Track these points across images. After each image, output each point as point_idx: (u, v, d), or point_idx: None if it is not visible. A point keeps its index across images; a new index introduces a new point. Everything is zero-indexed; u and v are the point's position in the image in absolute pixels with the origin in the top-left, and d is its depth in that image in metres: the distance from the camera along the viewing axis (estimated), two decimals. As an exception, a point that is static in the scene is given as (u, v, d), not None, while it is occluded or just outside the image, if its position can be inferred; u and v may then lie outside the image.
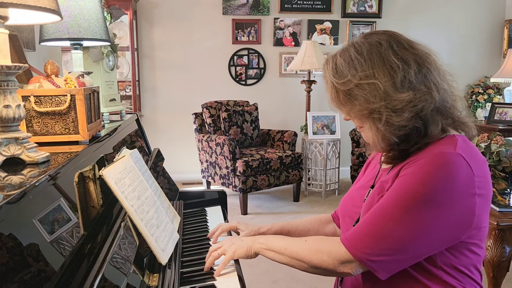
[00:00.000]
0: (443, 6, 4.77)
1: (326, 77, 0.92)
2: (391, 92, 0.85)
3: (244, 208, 3.69)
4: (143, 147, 1.75)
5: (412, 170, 0.84)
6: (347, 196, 1.13)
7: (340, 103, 0.92)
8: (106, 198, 0.98)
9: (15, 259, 0.61)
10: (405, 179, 0.85)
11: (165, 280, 0.97)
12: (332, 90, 0.92)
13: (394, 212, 0.84)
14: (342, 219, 1.12)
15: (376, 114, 0.87)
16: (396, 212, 0.83)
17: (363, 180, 1.10)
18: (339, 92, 0.90)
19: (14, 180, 0.77)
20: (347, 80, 0.88)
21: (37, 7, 0.88)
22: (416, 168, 0.84)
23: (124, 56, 4.39)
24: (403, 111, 0.85)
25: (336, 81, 0.90)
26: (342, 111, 0.94)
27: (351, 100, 0.89)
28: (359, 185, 1.10)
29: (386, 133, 0.87)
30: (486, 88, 4.85)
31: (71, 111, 1.14)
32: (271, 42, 4.67)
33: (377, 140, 0.90)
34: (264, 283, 2.45)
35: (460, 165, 0.82)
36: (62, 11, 1.08)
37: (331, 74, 0.91)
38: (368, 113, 0.88)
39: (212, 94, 4.55)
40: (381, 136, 0.89)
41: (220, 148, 3.73)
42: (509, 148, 2.17)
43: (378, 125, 0.87)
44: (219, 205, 1.76)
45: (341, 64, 0.90)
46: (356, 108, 0.89)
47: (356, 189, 1.10)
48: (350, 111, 0.92)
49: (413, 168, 0.84)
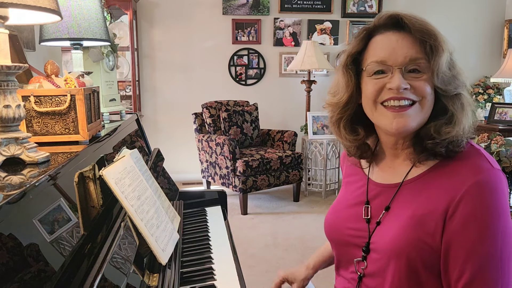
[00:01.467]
0: (443, 6, 4.77)
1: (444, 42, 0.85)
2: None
3: (244, 208, 3.69)
4: (143, 147, 1.75)
5: (474, 205, 0.77)
6: (335, 218, 1.00)
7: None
8: (106, 198, 0.98)
9: (15, 259, 0.61)
10: (476, 218, 0.77)
11: (165, 280, 0.97)
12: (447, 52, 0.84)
13: (495, 255, 0.77)
14: (338, 247, 0.99)
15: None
16: (496, 255, 0.77)
17: (349, 196, 1.00)
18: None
19: (14, 180, 0.77)
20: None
21: (37, 7, 0.88)
22: (477, 199, 0.78)
23: (124, 56, 4.39)
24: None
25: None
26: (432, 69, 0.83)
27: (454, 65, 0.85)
28: (346, 203, 1.00)
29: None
30: (486, 88, 4.85)
31: (71, 111, 1.14)
32: (271, 42, 4.67)
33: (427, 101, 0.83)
34: (264, 283, 2.45)
35: (505, 182, 0.81)
36: (62, 11, 1.08)
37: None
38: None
39: (212, 94, 4.55)
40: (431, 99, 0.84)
41: (220, 148, 3.73)
42: (509, 148, 2.17)
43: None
44: (219, 205, 1.77)
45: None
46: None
47: (345, 208, 0.99)
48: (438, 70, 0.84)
49: (474, 200, 0.78)
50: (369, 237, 0.90)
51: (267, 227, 3.36)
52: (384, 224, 0.88)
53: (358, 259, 0.92)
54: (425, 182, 0.85)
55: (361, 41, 0.90)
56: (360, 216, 0.93)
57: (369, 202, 0.94)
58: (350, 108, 0.93)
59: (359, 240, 0.92)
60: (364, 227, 0.92)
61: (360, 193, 0.97)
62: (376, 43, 0.87)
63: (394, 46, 0.84)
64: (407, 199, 0.87)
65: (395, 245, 0.82)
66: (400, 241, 0.82)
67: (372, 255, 0.89)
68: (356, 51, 0.90)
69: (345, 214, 0.97)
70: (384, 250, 0.85)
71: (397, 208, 0.88)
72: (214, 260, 1.26)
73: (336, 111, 0.94)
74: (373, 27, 0.89)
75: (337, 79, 0.94)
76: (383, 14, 0.87)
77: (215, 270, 1.18)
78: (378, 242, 0.87)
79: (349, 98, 0.91)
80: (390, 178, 0.92)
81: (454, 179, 0.81)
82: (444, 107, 0.85)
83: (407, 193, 0.87)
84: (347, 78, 0.91)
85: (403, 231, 0.82)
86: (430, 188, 0.84)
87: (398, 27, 0.85)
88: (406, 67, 0.82)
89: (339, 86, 0.93)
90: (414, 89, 0.82)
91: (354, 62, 0.91)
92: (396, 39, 0.84)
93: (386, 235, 0.86)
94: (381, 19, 0.87)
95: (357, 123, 0.94)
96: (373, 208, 0.92)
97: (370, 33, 0.89)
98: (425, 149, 0.85)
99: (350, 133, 0.95)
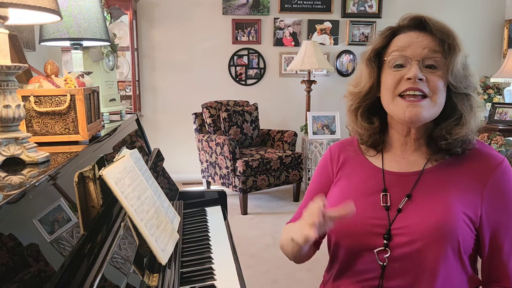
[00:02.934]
0: (443, 6, 4.77)
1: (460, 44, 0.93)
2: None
3: (244, 208, 3.69)
4: (143, 147, 1.75)
5: (508, 181, 0.91)
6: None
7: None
8: (106, 198, 0.98)
9: (15, 259, 0.61)
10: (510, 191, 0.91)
11: (165, 280, 0.97)
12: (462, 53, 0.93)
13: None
14: (353, 239, 0.96)
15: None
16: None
17: (361, 186, 1.00)
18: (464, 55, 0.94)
19: (14, 180, 0.77)
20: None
21: (37, 7, 0.88)
22: (507, 177, 0.91)
23: (124, 56, 4.39)
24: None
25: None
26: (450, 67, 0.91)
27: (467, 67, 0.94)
28: (359, 193, 0.98)
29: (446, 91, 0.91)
30: (486, 88, 4.85)
31: (71, 111, 1.14)
32: (271, 42, 4.67)
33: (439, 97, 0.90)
34: (264, 284, 2.45)
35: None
36: (62, 11, 1.08)
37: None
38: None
39: (212, 94, 4.55)
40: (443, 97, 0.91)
41: (220, 148, 3.73)
42: (509, 148, 2.17)
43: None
44: (219, 205, 1.77)
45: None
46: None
47: (360, 197, 0.97)
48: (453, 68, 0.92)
49: (505, 178, 0.91)
50: (390, 224, 0.92)
51: (267, 227, 3.36)
52: (410, 210, 0.91)
53: (380, 248, 0.92)
54: (448, 170, 0.93)
55: (385, 38, 0.98)
56: (378, 204, 0.95)
57: (386, 190, 0.96)
58: (369, 98, 1.00)
59: (379, 229, 0.93)
60: (383, 214, 0.94)
61: (374, 182, 0.99)
62: (398, 39, 0.95)
63: (414, 41, 0.91)
64: (431, 186, 0.92)
65: (439, 225, 0.86)
66: (445, 220, 0.87)
67: (397, 240, 0.90)
68: (380, 46, 0.97)
69: (363, 202, 0.96)
70: (420, 232, 0.88)
71: (422, 195, 0.92)
72: (214, 260, 1.26)
73: (356, 100, 1.01)
74: (397, 27, 0.97)
75: (360, 71, 1.02)
76: (407, 15, 0.96)
77: (215, 270, 1.18)
78: (406, 227, 0.90)
79: (370, 88, 0.98)
80: (406, 167, 0.97)
81: (480, 164, 0.92)
82: (454, 106, 0.92)
83: (429, 180, 0.93)
84: (370, 70, 0.98)
85: (445, 211, 0.87)
86: (456, 174, 0.92)
87: (420, 28, 0.93)
88: (423, 60, 0.89)
89: (361, 77, 1.00)
90: (428, 82, 0.89)
91: (377, 57, 0.98)
92: (417, 36, 0.92)
93: (417, 219, 0.89)
94: (405, 20, 0.96)
95: (373, 114, 1.01)
96: (392, 196, 0.95)
97: (394, 32, 0.97)
98: (441, 149, 0.93)
99: (365, 121, 1.01)
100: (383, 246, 0.91)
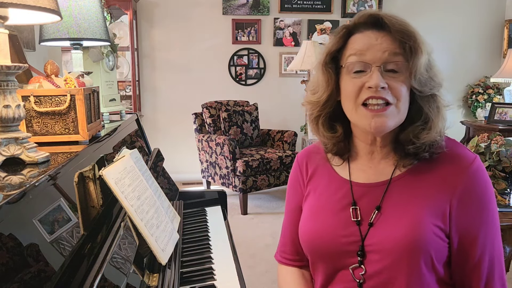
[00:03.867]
0: (443, 6, 4.76)
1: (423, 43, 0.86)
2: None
3: (244, 208, 3.69)
4: (143, 147, 1.75)
5: (478, 183, 0.85)
6: (320, 227, 0.92)
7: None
8: (106, 198, 0.98)
9: (15, 259, 0.61)
10: (483, 194, 0.86)
11: (165, 280, 0.97)
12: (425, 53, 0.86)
13: (496, 232, 0.87)
14: (327, 259, 0.92)
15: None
16: (497, 238, 0.87)
17: (328, 201, 0.94)
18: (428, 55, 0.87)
19: (14, 180, 0.77)
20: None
21: (37, 7, 0.88)
22: (477, 179, 0.85)
23: (124, 56, 4.39)
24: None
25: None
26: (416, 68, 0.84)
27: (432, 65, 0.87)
28: (328, 209, 0.93)
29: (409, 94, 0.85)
30: (486, 88, 4.85)
31: (71, 111, 1.14)
32: (271, 42, 4.66)
33: (403, 103, 0.85)
34: (264, 284, 2.45)
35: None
36: (62, 11, 1.08)
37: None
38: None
39: (212, 94, 4.55)
40: (406, 100, 0.85)
41: (220, 148, 3.73)
42: (509, 148, 2.17)
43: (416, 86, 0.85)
44: (219, 205, 1.77)
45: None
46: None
47: (330, 214, 0.92)
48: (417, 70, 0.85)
49: (475, 180, 0.85)
50: (362, 240, 0.87)
51: (267, 227, 3.36)
52: (380, 224, 0.87)
53: (355, 265, 0.88)
54: (416, 177, 0.87)
55: (340, 38, 0.89)
56: (349, 219, 0.90)
57: (356, 203, 0.91)
58: (329, 105, 0.93)
59: (352, 246, 0.88)
60: (355, 230, 0.88)
61: (342, 195, 0.93)
62: (355, 40, 0.87)
63: (373, 43, 0.84)
64: (400, 195, 0.87)
65: (408, 241, 0.82)
66: (414, 235, 0.82)
67: (371, 258, 0.86)
68: (335, 49, 0.90)
69: (332, 220, 0.91)
70: (391, 249, 0.83)
71: (391, 206, 0.87)
72: (214, 260, 1.26)
73: (316, 109, 0.94)
74: (353, 25, 0.89)
75: (316, 77, 0.94)
76: (364, 12, 0.88)
77: (215, 270, 1.18)
78: (378, 244, 0.85)
79: (328, 96, 0.91)
80: (374, 177, 0.92)
81: (450, 166, 0.86)
82: (420, 109, 0.86)
83: (398, 190, 0.88)
84: (327, 77, 0.90)
85: (414, 225, 0.82)
86: (425, 181, 0.86)
87: (378, 27, 0.85)
88: (384, 65, 0.83)
89: (318, 84, 0.93)
90: (391, 89, 0.83)
91: (333, 60, 0.90)
92: (376, 37, 0.84)
93: (387, 234, 0.85)
94: (361, 18, 0.87)
95: (335, 120, 0.94)
96: (362, 209, 0.90)
97: (350, 31, 0.89)
98: (408, 154, 0.87)
99: (328, 130, 0.95)
100: (358, 263, 0.87)
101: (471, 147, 2.29)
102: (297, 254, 1.03)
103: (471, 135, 4.27)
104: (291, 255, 1.04)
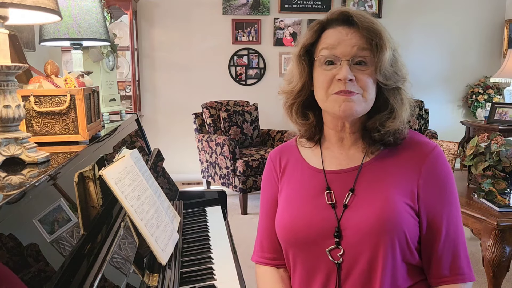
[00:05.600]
0: (443, 6, 4.76)
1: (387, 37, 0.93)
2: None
3: (244, 208, 3.69)
4: (143, 147, 1.75)
5: (440, 167, 0.94)
6: (297, 216, 0.96)
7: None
8: (106, 198, 0.98)
9: (15, 259, 0.61)
10: (445, 176, 0.94)
11: (165, 280, 0.97)
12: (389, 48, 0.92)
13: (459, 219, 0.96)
14: (306, 246, 0.94)
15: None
16: (459, 217, 0.96)
17: (303, 190, 0.99)
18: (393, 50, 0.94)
19: (14, 180, 0.77)
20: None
21: (37, 7, 0.88)
22: (439, 163, 0.94)
23: (124, 56, 4.39)
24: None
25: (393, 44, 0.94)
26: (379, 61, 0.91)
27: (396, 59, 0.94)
28: (303, 197, 0.98)
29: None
30: (486, 88, 4.85)
31: (71, 111, 1.14)
32: (271, 42, 4.67)
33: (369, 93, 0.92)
34: (264, 283, 2.44)
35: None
36: (62, 11, 1.08)
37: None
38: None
39: (212, 94, 4.55)
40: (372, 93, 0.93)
41: (220, 148, 3.73)
42: (509, 148, 2.17)
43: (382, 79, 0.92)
44: (219, 205, 1.77)
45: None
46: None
47: (305, 202, 0.97)
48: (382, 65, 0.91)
49: (437, 163, 0.94)
50: (338, 221, 0.92)
51: (267, 227, 3.36)
52: (355, 205, 0.92)
53: (332, 247, 0.91)
54: (385, 162, 0.95)
55: (314, 33, 0.96)
56: (324, 204, 0.95)
57: (329, 188, 0.96)
58: (302, 94, 1.00)
59: (329, 229, 0.92)
60: (330, 213, 0.93)
61: (316, 183, 0.98)
62: (327, 35, 0.94)
63: (343, 38, 0.91)
64: (371, 178, 0.94)
65: (383, 218, 0.87)
66: (388, 213, 0.88)
67: (347, 238, 0.90)
68: (309, 42, 0.97)
69: (308, 207, 0.96)
70: (366, 227, 0.88)
71: (364, 189, 0.93)
72: (214, 260, 1.26)
73: (290, 98, 1.04)
74: (326, 21, 0.96)
75: (292, 68, 1.01)
76: (336, 10, 0.95)
77: (215, 270, 1.18)
78: (354, 224, 0.90)
79: (302, 86, 0.99)
80: (346, 163, 0.98)
81: (414, 152, 0.95)
82: (386, 100, 0.94)
83: (369, 173, 0.95)
84: (301, 68, 0.98)
85: (388, 203, 0.89)
86: (393, 165, 0.94)
87: (348, 23, 0.92)
88: (353, 58, 0.90)
89: (293, 74, 1.01)
90: (358, 81, 0.90)
91: (307, 53, 0.98)
92: (346, 32, 0.92)
93: (362, 213, 0.90)
94: (333, 14, 0.95)
95: (308, 109, 1.03)
96: (336, 193, 0.95)
97: (323, 26, 0.96)
98: (375, 141, 0.95)
99: (300, 117, 1.04)
100: (335, 245, 0.91)
101: (471, 147, 2.29)
102: (275, 252, 1.06)
103: (471, 135, 4.27)
104: (268, 253, 1.07)
